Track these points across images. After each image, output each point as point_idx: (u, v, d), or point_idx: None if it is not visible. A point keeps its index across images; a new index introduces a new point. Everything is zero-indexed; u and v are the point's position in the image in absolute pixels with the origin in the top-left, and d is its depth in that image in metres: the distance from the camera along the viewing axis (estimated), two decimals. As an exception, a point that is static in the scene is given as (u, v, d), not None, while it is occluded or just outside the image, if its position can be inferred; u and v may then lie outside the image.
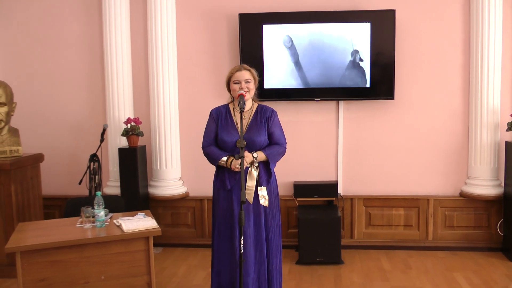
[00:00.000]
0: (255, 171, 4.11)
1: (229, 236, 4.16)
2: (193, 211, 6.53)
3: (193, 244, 6.50)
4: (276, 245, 4.28)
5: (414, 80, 6.17)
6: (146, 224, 4.20)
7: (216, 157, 4.16)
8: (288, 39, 6.06)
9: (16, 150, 5.74)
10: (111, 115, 6.34)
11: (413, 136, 6.24)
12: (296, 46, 6.06)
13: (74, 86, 6.61)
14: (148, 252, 4.12)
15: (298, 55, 6.07)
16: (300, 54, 6.06)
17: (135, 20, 6.39)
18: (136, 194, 6.02)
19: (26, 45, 6.64)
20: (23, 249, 3.86)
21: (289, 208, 6.37)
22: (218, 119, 4.25)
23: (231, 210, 4.16)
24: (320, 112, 6.30)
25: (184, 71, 6.43)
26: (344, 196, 6.31)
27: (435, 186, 6.27)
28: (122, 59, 6.28)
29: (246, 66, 4.25)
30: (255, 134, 4.16)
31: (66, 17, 6.53)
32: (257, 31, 6.10)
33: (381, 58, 6.02)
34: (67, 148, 6.68)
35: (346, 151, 6.34)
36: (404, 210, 6.28)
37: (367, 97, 6.13)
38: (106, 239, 4.03)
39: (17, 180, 5.57)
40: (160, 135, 6.31)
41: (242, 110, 4.01)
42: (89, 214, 4.25)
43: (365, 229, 6.36)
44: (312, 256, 5.80)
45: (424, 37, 6.11)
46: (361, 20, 5.98)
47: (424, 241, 6.26)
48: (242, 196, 3.56)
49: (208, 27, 6.36)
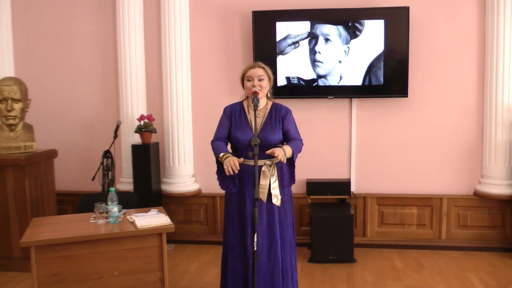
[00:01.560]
0: (268, 170, 4.09)
1: (242, 235, 4.15)
2: (205, 208, 6.54)
3: (205, 241, 6.52)
4: (290, 244, 4.26)
5: (427, 77, 6.14)
6: (159, 220, 4.20)
7: (216, 152, 4.12)
8: (301, 35, 6.07)
9: (30, 145, 5.81)
10: (124, 112, 6.36)
11: (427, 134, 6.22)
12: (309, 43, 6.07)
13: (88, 83, 6.65)
14: (161, 249, 4.13)
15: (311, 52, 6.07)
16: (313, 51, 6.06)
17: (148, 18, 6.41)
18: (149, 191, 6.04)
19: (41, 42, 6.68)
20: (37, 244, 3.89)
21: (301, 206, 6.36)
22: (231, 116, 4.22)
23: (244, 208, 4.14)
24: (333, 110, 6.29)
25: (197, 68, 6.44)
26: (356, 194, 6.30)
27: (448, 185, 6.24)
28: (135, 56, 6.30)
29: (260, 64, 4.23)
30: (269, 132, 4.13)
31: (80, 15, 6.57)
32: (270, 28, 6.10)
33: (395, 55, 6.00)
34: (81, 144, 6.72)
35: (359, 149, 6.32)
36: (417, 209, 6.25)
37: (380, 95, 6.11)
38: (120, 235, 4.04)
39: (31, 175, 5.64)
40: (173, 132, 6.33)
41: (256, 107, 3.99)
42: (103, 210, 4.26)
43: (378, 228, 6.34)
44: (325, 254, 5.80)
45: (438, 34, 6.08)
46: (375, 17, 5.96)
47: (438, 240, 6.23)
48: (255, 193, 3.55)
49: (221, 25, 6.38)
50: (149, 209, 4.57)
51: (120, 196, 4.54)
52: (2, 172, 5.55)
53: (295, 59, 6.10)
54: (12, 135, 5.76)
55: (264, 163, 4.08)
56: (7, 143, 5.72)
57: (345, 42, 6.02)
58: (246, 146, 4.11)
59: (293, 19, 6.06)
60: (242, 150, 4.15)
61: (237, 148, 4.19)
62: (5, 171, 5.54)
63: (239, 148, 4.17)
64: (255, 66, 4.20)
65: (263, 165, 4.08)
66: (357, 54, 6.02)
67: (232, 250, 4.18)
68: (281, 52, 6.11)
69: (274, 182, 4.12)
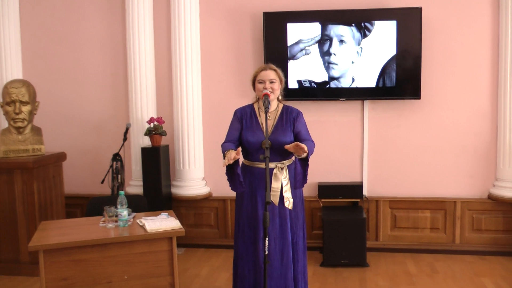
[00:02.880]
0: (280, 173, 4.08)
1: (253, 239, 4.12)
2: (216, 211, 6.52)
3: (216, 245, 6.49)
4: (301, 248, 4.24)
5: (441, 79, 6.09)
6: (169, 224, 4.18)
7: (223, 151, 4.10)
8: (313, 38, 6.04)
9: (38, 148, 5.81)
10: (134, 114, 6.35)
11: (440, 136, 6.16)
12: (322, 45, 6.04)
13: (97, 85, 6.65)
14: (171, 253, 4.10)
15: (325, 54, 6.04)
16: (327, 53, 6.03)
17: (158, 19, 6.40)
18: (159, 194, 6.03)
19: (49, 44, 6.69)
20: (46, 248, 3.87)
21: (313, 209, 6.34)
22: (242, 119, 4.21)
23: (256, 212, 4.12)
24: (345, 112, 6.26)
25: (208, 70, 6.42)
26: (369, 198, 6.26)
27: (462, 188, 6.18)
28: (145, 58, 6.29)
29: (272, 66, 4.21)
30: (280, 135, 4.11)
31: (89, 16, 6.57)
32: (281, 29, 6.08)
33: (408, 56, 5.96)
34: (90, 147, 6.71)
35: (371, 152, 6.28)
36: (430, 212, 6.20)
37: (393, 97, 6.07)
38: (129, 239, 4.02)
39: (40, 178, 5.64)
40: (183, 135, 6.31)
41: (267, 110, 3.98)
42: (112, 214, 4.24)
43: (391, 232, 6.30)
44: (337, 258, 5.76)
45: (452, 35, 6.03)
46: (387, 18, 5.92)
47: (451, 244, 6.18)
48: (267, 196, 3.51)
49: (232, 26, 6.36)
50: (159, 213, 4.55)
51: (130, 200, 4.52)
52: (10, 175, 5.54)
53: (307, 62, 6.07)
54: (20, 138, 5.76)
55: (276, 165, 4.08)
56: (15, 146, 5.71)
57: (358, 44, 5.99)
58: (257, 148, 4.10)
59: (305, 20, 6.03)
60: (253, 152, 4.14)
61: (249, 151, 4.18)
62: (13, 174, 5.54)
63: (250, 150, 4.16)
64: (266, 68, 4.19)
65: (274, 168, 4.07)
66: (370, 55, 5.99)
67: (243, 255, 4.16)
68: (293, 57, 6.09)
69: (286, 184, 4.11)
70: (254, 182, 4.14)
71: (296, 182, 4.13)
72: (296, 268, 4.18)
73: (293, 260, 4.17)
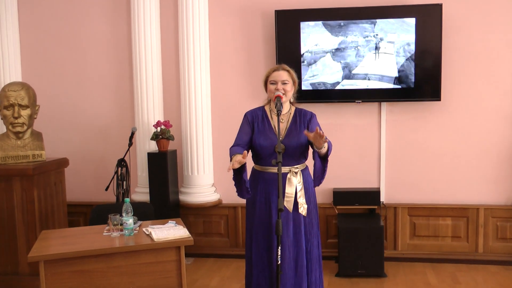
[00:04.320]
0: (294, 178, 4.05)
1: (267, 247, 4.07)
2: (226, 219, 6.47)
3: (226, 255, 6.45)
4: (315, 257, 4.19)
5: (462, 79, 6.02)
6: (177, 233, 4.15)
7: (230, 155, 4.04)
8: (327, 37, 5.98)
9: (39, 154, 5.75)
10: (139, 118, 6.33)
11: (462, 140, 6.10)
12: (335, 44, 5.99)
13: (101, 88, 6.63)
14: (179, 263, 4.08)
15: (338, 54, 5.98)
16: (340, 52, 5.98)
17: (165, 18, 6.38)
18: (166, 201, 6.00)
19: (50, 45, 6.67)
20: (47, 258, 3.84)
21: (328, 216, 6.29)
22: (253, 122, 4.17)
23: (270, 219, 4.06)
24: (361, 115, 6.20)
25: (217, 72, 6.39)
26: (387, 204, 6.20)
27: (485, 195, 6.10)
28: (151, 59, 6.26)
29: (285, 67, 4.18)
30: (294, 138, 4.08)
31: (92, 15, 6.56)
32: (294, 28, 6.04)
33: (427, 55, 5.89)
34: (93, 153, 6.69)
35: (389, 156, 6.22)
36: (451, 220, 6.13)
37: (411, 98, 6.01)
38: (135, 248, 3.99)
39: (40, 185, 5.59)
40: (191, 139, 6.27)
41: (279, 112, 3.94)
42: (117, 222, 4.20)
43: (410, 240, 6.23)
44: (353, 268, 5.71)
45: (474, 33, 5.96)
46: (406, 15, 5.86)
47: (474, 254, 6.10)
48: (279, 203, 3.46)
49: (242, 25, 6.33)
50: (167, 221, 4.52)
51: (136, 207, 4.51)
52: (9, 183, 5.49)
53: (321, 62, 6.02)
54: (19, 143, 5.71)
55: (290, 169, 4.06)
56: (14, 151, 5.67)
57: (374, 42, 5.92)
58: (271, 153, 4.06)
59: (319, 18, 5.98)
60: (266, 157, 4.10)
61: (261, 156, 4.13)
62: (13, 181, 5.48)
63: (263, 155, 4.11)
64: (279, 68, 4.16)
65: (288, 172, 4.05)
66: (387, 54, 5.93)
67: (256, 265, 4.12)
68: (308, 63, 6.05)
69: (300, 190, 4.10)
70: (267, 188, 4.09)
71: (315, 179, 4.11)
72: (310, 279, 4.15)
73: (307, 270, 4.14)
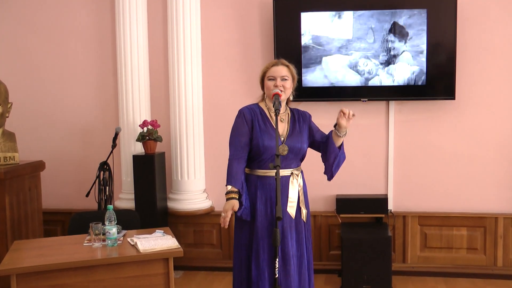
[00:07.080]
0: (296, 181, 4.02)
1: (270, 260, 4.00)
2: (219, 228, 6.43)
3: (219, 267, 6.44)
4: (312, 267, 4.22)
5: (479, 76, 5.99)
6: (165, 243, 4.14)
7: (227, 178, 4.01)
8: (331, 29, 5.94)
9: (12, 157, 5.71)
10: (124, 117, 6.31)
11: (478, 142, 6.06)
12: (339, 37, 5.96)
13: (81, 84, 6.62)
14: (167, 276, 4.06)
15: (342, 48, 5.95)
16: (344, 47, 5.95)
17: (152, 8, 6.37)
18: (153, 209, 5.98)
19: (26, 36, 6.68)
20: (19, 272, 3.79)
21: (330, 226, 6.25)
22: (253, 120, 4.07)
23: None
24: (367, 114, 6.16)
25: (210, 67, 6.37)
26: (395, 213, 6.17)
27: (504, 202, 6.06)
28: (137, 53, 6.24)
29: (284, 61, 4.14)
30: (298, 139, 4.08)
31: (73, 4, 6.56)
32: (294, 19, 6.01)
33: (440, 50, 5.86)
34: (73, 155, 6.69)
35: (397, 160, 6.20)
36: (467, 230, 6.09)
37: (422, 97, 5.99)
38: (119, 261, 3.96)
39: (13, 191, 5.52)
40: (181, 141, 6.25)
41: (278, 112, 3.84)
42: (99, 231, 4.19)
43: (420, 252, 6.20)
44: (358, 283, 5.68)
45: (491, 26, 5.93)
46: (416, 7, 5.83)
47: (492, 267, 6.06)
48: (278, 211, 3.36)
49: (237, 16, 6.31)
50: (154, 230, 4.50)
51: (120, 215, 4.48)
52: (-23, 188, 5.47)
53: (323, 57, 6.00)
54: (-11, 144, 5.69)
55: (292, 172, 4.05)
56: (-17, 154, 5.65)
57: (382, 36, 5.89)
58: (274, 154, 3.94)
59: (322, 8, 5.96)
60: (268, 160, 4.02)
61: (262, 158, 4.04)
62: (-19, 186, 5.46)
63: (265, 158, 4.03)
64: (278, 63, 4.14)
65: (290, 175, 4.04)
66: (396, 49, 5.90)
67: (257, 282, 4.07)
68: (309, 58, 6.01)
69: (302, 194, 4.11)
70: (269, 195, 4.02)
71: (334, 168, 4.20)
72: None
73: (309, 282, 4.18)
